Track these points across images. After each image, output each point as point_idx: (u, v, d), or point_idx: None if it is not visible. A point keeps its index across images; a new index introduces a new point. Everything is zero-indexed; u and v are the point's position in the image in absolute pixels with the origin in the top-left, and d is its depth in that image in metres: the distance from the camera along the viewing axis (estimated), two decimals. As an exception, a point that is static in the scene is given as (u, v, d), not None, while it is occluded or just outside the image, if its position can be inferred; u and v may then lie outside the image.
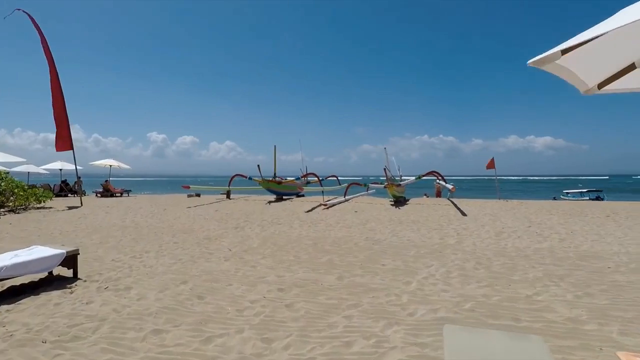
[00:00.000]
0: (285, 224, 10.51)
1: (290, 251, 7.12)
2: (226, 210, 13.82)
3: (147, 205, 15.83)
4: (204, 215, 12.46)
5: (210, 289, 4.84)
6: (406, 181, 17.67)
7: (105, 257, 6.63)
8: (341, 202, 16.40)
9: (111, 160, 23.78)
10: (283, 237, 8.54)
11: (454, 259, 6.43)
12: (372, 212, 13.12)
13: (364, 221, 10.97)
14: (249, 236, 8.69)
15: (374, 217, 11.78)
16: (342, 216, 12.18)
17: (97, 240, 8.28)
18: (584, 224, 10.16)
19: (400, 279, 5.32)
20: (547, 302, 4.37)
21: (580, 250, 7.03)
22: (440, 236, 8.58)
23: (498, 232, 9.02)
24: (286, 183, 19.00)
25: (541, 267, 5.87)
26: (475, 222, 10.69)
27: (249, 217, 12.04)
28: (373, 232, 9.22)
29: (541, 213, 12.55)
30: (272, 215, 12.35)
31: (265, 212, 13.41)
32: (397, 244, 7.79)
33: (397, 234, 8.86)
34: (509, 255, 6.73)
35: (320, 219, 11.59)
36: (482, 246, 7.48)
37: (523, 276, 5.44)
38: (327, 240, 8.22)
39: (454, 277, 5.40)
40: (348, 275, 5.51)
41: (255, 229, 9.79)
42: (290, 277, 5.37)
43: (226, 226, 10.19)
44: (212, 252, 7.07)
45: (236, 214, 12.88)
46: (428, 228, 9.69)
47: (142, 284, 5.07)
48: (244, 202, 17.23)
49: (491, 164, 18.47)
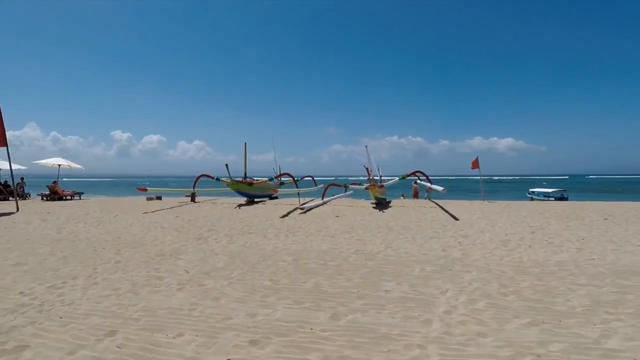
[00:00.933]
0: (258, 233, 8.96)
1: (265, 272, 5.62)
2: (189, 216, 12.05)
3: (96, 211, 13.74)
4: (162, 223, 10.66)
5: (147, 348, 3.27)
6: (389, 182, 16.52)
7: (12, 289, 4.86)
8: (319, 205, 15.01)
9: (60, 159, 21.15)
10: (256, 252, 7.01)
11: (470, 280, 5.17)
12: (356, 217, 11.79)
13: (349, 228, 9.61)
14: (214, 251, 7.10)
15: (359, 223, 10.45)
16: (323, 222, 10.77)
17: (12, 260, 6.41)
18: (589, 228, 9.30)
19: (416, 314, 3.96)
20: (627, 350, 3.16)
21: (608, 263, 5.99)
22: (441, 247, 7.35)
23: (503, 240, 7.91)
24: (258, 184, 17.37)
25: (581, 290, 4.71)
26: (472, 227, 9.60)
27: (216, 224, 10.38)
28: (362, 242, 7.87)
29: (535, 216, 11.70)
30: (243, 222, 10.75)
31: (235, 217, 11.78)
32: (394, 258, 6.47)
33: (390, 245, 7.55)
34: (532, 272, 5.56)
35: (299, 225, 10.13)
36: (494, 260, 6.30)
37: (567, 304, 4.24)
38: (309, 254, 6.78)
39: (482, 309, 4.11)
40: (345, 310, 4.10)
41: (222, 240, 8.19)
42: (266, 318, 3.89)
43: (186, 237, 8.51)
44: (162, 275, 5.44)
45: (200, 220, 11.17)
46: (423, 236, 8.46)
47: (45, 339, 3.42)
48: (210, 206, 15.45)
49: (475, 163, 17.69)
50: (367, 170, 15.00)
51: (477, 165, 17.62)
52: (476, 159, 17.62)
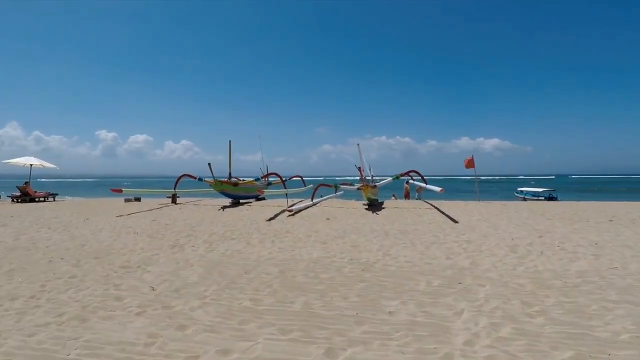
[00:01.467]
0: (241, 239, 8.10)
1: (246, 288, 4.77)
2: (167, 220, 11.09)
3: (66, 214, 12.65)
4: (136, 227, 9.69)
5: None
6: (381, 182, 15.78)
7: None
8: (308, 206, 14.18)
9: (32, 158, 19.84)
10: (237, 262, 6.15)
11: (485, 296, 4.43)
12: (348, 220, 11.01)
13: (342, 232, 8.82)
14: (189, 261, 6.21)
15: (352, 227, 9.66)
16: (313, 225, 9.95)
17: (-54, 275, 5.42)
18: (597, 231, 8.69)
19: (430, 347, 3.18)
20: None
21: (635, 273, 5.32)
22: (444, 254, 6.61)
23: (511, 246, 7.22)
24: (244, 184, 16.46)
25: (618, 309, 4.00)
26: (474, 231, 8.91)
27: (195, 229, 9.46)
28: (357, 249, 7.07)
29: (537, 218, 11.09)
30: (225, 226, 9.85)
31: (217, 221, 10.87)
32: (394, 269, 5.69)
33: (388, 252, 6.78)
34: (553, 285, 4.85)
35: (286, 230, 9.28)
36: (507, 270, 5.57)
37: (608, 328, 3.52)
38: (298, 265, 5.95)
39: (510, 336, 3.36)
40: (342, 341, 3.29)
41: (200, 247, 7.30)
42: (242, 357, 3.05)
43: (160, 244, 7.59)
44: (122, 295, 4.55)
45: (179, 224, 10.23)
46: (423, 242, 7.72)
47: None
48: (192, 208, 14.47)
49: (470, 163, 17.08)
50: (360, 169, 14.24)
51: (472, 164, 17.01)
52: (471, 158, 17.02)
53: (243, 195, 16.47)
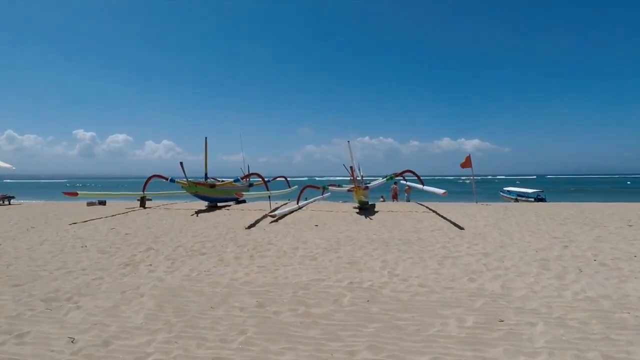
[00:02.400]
0: (212, 254, 6.65)
1: (208, 337, 3.37)
2: (128, 228, 9.49)
3: (12, 221, 10.88)
4: (88, 238, 8.10)
5: None
6: (374, 183, 14.48)
7: None
8: (293, 210, 12.78)
9: (-17, 157, 17.72)
10: (202, 289, 4.72)
11: (547, 346, 3.17)
12: (339, 226, 9.66)
13: (334, 243, 7.47)
14: (139, 289, 4.74)
15: (345, 236, 8.32)
16: (300, 234, 8.57)
17: None
18: (625, 240, 7.61)
19: None
20: None
21: None
22: (464, 273, 5.34)
23: (539, 261, 6.02)
24: (221, 186, 14.90)
25: None
26: (486, 240, 7.70)
27: (159, 240, 7.94)
28: (356, 267, 5.74)
29: (547, 222, 10.01)
30: (196, 236, 8.36)
31: (188, 229, 9.35)
32: (408, 297, 4.38)
33: (395, 271, 5.47)
34: (626, 322, 3.63)
35: (268, 240, 7.87)
36: (553, 298, 4.33)
37: None
38: (283, 293, 4.56)
39: None
40: None
41: (160, 267, 5.83)
42: None
43: (110, 262, 6.07)
44: (19, 353, 3.07)
45: (141, 233, 8.67)
46: (433, 255, 6.44)
47: None
48: (161, 214, 12.85)
49: (467, 162, 15.99)
50: (352, 169, 12.87)
51: (470, 164, 15.94)
52: (468, 157, 15.94)
53: (221, 198, 14.93)
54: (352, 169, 12.36)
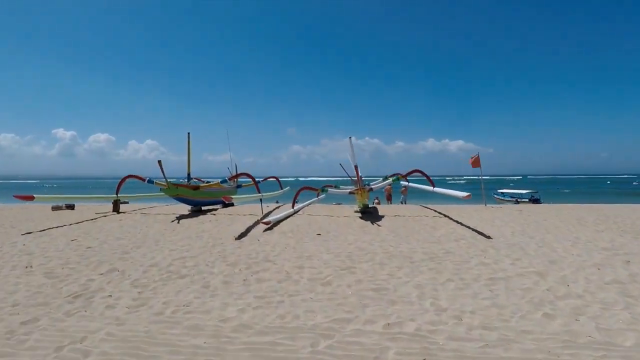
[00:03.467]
0: (195, 277, 5.17)
1: None
2: (93, 240, 7.88)
3: (-47, 231, 9.11)
4: (39, 255, 6.49)
5: None
6: (378, 184, 13.11)
7: None
8: (288, 215, 11.32)
9: None
10: (178, 340, 3.27)
11: None
12: (346, 235, 8.27)
13: (346, 259, 6.07)
14: (84, 341, 3.25)
15: (357, 248, 6.93)
16: (301, 246, 7.14)
17: None
18: (689, 251, 6.45)
19: None
20: None
21: None
22: (533, 305, 4.02)
23: (615, 284, 4.76)
24: (206, 188, 13.31)
25: None
26: (527, 253, 6.43)
27: (128, 255, 6.40)
28: (387, 297, 4.35)
29: (578, 228, 8.84)
30: (175, 250, 6.84)
31: (166, 240, 7.81)
32: (476, 353, 3.03)
33: (440, 304, 4.11)
34: None
35: (265, 256, 6.41)
36: (683, 349, 3.04)
37: None
38: (298, 349, 3.15)
39: None
40: None
41: (123, 297, 4.34)
42: None
43: (55, 292, 4.54)
44: None
45: (107, 247, 7.09)
46: (476, 276, 5.11)
47: None
48: (137, 219, 11.21)
49: (476, 162, 14.80)
50: (356, 169, 11.37)
51: (479, 163, 14.76)
52: (477, 156, 14.76)
53: (206, 201, 13.35)
54: (357, 168, 10.94)
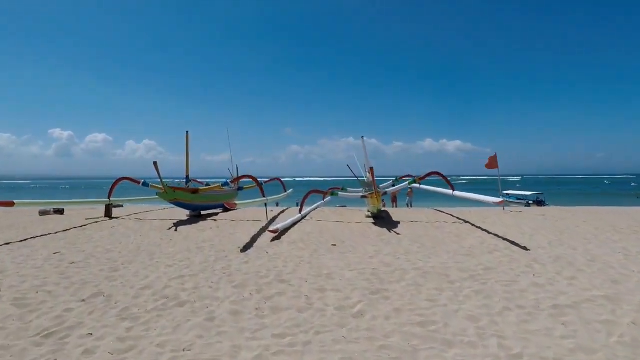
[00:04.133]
0: (195, 305, 4.25)
1: None
2: (78, 253, 6.93)
3: None
4: (12, 273, 5.53)
5: None
6: (393, 187, 12.18)
7: None
8: (296, 222, 10.41)
9: None
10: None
11: None
12: (365, 246, 7.37)
13: (374, 279, 5.16)
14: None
15: (382, 263, 6.02)
16: (317, 261, 6.24)
17: None
18: None
19: None
20: None
21: None
22: (632, 352, 3.13)
23: None
24: (207, 191, 12.39)
25: None
26: (579, 270, 5.53)
27: (117, 274, 5.47)
28: (441, 337, 3.45)
29: (619, 236, 7.98)
30: (173, 266, 5.92)
31: (162, 252, 6.88)
32: None
33: (514, 352, 3.22)
34: None
35: (277, 274, 5.49)
36: None
37: None
38: None
39: None
40: None
41: (106, 336, 3.43)
42: None
43: (19, 329, 3.61)
44: None
45: (94, 262, 6.15)
46: (536, 304, 4.22)
47: None
48: (130, 227, 10.26)
49: (493, 162, 13.91)
50: (371, 171, 10.37)
51: (496, 164, 13.88)
52: (494, 156, 13.88)
53: (206, 205, 12.43)
54: (372, 171, 9.99)
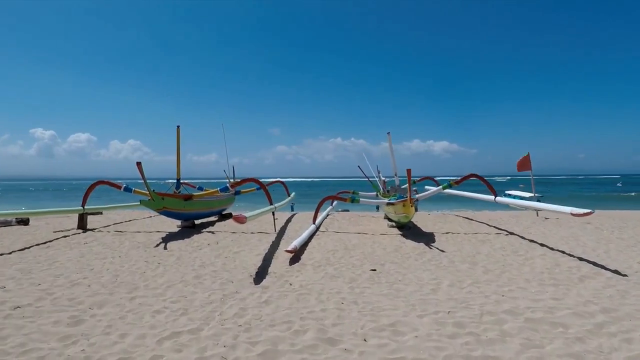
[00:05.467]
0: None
1: None
2: (31, 288, 5.05)
3: None
4: None
5: None
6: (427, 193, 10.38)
7: None
8: (312, 234, 8.67)
9: None
10: None
11: None
12: (415, 272, 5.70)
13: (470, 337, 3.48)
14: None
15: (458, 301, 4.34)
16: (364, 298, 4.54)
17: None
18: None
19: None
20: None
21: None
22: None
23: None
24: (201, 197, 10.55)
25: None
26: None
27: (78, 328, 3.68)
28: None
29: None
30: (163, 313, 4.14)
31: (147, 286, 5.06)
32: None
33: None
34: None
35: (318, 326, 3.77)
36: None
37: None
38: None
39: None
40: None
41: None
42: None
43: None
44: None
45: (50, 305, 4.33)
46: None
47: None
48: (108, 243, 8.37)
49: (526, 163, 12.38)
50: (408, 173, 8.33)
51: (529, 165, 12.38)
52: (527, 156, 12.37)
53: (201, 213, 10.60)
54: (409, 173, 8.14)
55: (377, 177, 14.21)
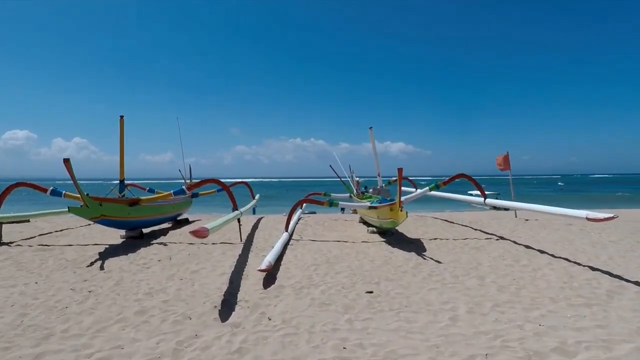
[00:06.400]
0: None
1: None
2: None
3: None
4: None
5: None
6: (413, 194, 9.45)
7: None
8: (286, 244, 7.44)
9: None
10: None
11: None
12: (418, 293, 4.68)
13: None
14: None
15: (493, 340, 3.37)
16: (369, 337, 3.44)
17: None
18: None
19: None
20: None
21: None
22: None
23: None
24: (150, 202, 8.92)
25: None
26: None
27: None
28: None
29: None
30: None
31: (70, 332, 3.62)
32: None
33: None
34: None
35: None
36: None
37: None
38: None
39: None
40: None
41: None
42: None
43: None
44: None
45: None
46: None
47: None
48: (25, 262, 6.59)
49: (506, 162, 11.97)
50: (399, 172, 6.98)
51: (508, 164, 11.98)
52: (506, 155, 11.98)
53: (149, 220, 8.98)
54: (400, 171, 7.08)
55: (349, 177, 13.25)
